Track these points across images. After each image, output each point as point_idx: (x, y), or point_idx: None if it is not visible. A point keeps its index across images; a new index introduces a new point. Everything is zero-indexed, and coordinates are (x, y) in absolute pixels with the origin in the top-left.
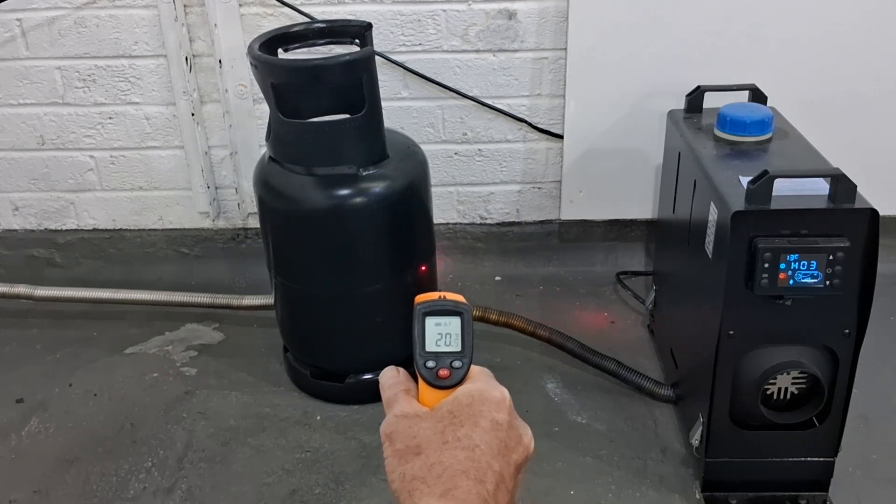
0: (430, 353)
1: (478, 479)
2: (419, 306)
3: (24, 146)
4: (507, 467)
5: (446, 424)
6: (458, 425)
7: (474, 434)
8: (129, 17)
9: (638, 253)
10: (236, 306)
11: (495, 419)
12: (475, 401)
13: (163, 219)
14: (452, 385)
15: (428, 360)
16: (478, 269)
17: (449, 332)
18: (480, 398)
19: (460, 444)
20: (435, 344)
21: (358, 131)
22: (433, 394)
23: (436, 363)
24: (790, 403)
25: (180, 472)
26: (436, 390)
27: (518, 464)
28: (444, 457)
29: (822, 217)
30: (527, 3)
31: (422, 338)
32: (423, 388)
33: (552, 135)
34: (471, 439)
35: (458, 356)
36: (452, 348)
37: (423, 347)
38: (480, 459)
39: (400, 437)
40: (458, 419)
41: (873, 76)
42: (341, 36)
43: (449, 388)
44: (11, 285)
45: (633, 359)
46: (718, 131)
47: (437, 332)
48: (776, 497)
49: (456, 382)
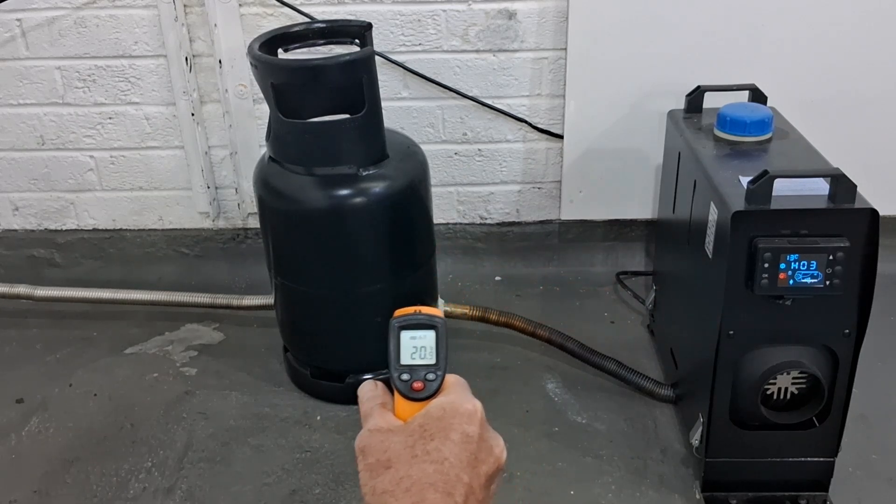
0: (404, 367)
1: (446, 492)
2: (394, 321)
3: (24, 146)
4: (478, 479)
5: (416, 438)
6: (429, 439)
7: (444, 447)
8: (129, 17)
9: (638, 253)
10: (236, 306)
11: (466, 432)
12: (446, 414)
13: (163, 219)
14: (426, 397)
15: (402, 373)
16: (478, 269)
17: (424, 346)
18: (452, 411)
19: (429, 457)
20: (410, 357)
21: (358, 131)
22: (408, 406)
23: (410, 376)
24: (790, 403)
25: (180, 472)
26: (411, 402)
27: (489, 475)
28: (413, 470)
29: (822, 217)
30: (527, 3)
31: (397, 351)
32: (399, 400)
33: (552, 135)
34: (440, 452)
35: (433, 369)
36: (427, 361)
37: (399, 361)
38: (449, 472)
39: (372, 451)
40: (428, 433)
41: (873, 76)
42: (341, 36)
43: (423, 400)
44: (11, 285)
45: (633, 359)
46: (718, 131)
47: (413, 345)
48: (776, 497)
49: (430, 394)
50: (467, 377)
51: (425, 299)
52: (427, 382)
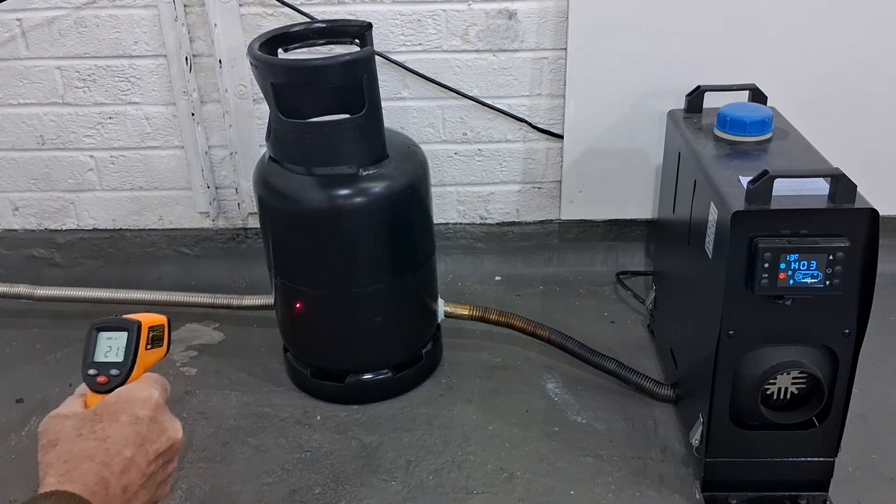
0: (95, 363)
1: (103, 463)
2: (93, 322)
3: (24, 146)
4: (144, 454)
5: (86, 421)
6: (97, 421)
7: (109, 428)
8: (129, 16)
9: (638, 253)
10: (236, 306)
11: (136, 415)
12: (120, 399)
13: (163, 219)
14: (109, 390)
15: (91, 369)
16: (478, 269)
17: (117, 345)
18: (126, 397)
19: (94, 435)
20: (104, 355)
21: (358, 131)
22: (96, 398)
23: (97, 371)
24: (790, 403)
25: (180, 471)
26: (96, 394)
27: (160, 452)
28: (76, 446)
29: (822, 217)
30: (527, 3)
31: (92, 349)
32: (89, 392)
33: (552, 135)
34: (104, 431)
35: (119, 366)
36: (116, 359)
37: (92, 358)
38: (111, 448)
39: (46, 433)
40: (98, 416)
41: (873, 76)
42: (341, 36)
43: (106, 393)
44: (11, 285)
45: (633, 359)
46: (718, 131)
47: (107, 344)
48: (776, 497)
49: (112, 388)
50: (467, 377)
51: (425, 299)
52: (111, 378)
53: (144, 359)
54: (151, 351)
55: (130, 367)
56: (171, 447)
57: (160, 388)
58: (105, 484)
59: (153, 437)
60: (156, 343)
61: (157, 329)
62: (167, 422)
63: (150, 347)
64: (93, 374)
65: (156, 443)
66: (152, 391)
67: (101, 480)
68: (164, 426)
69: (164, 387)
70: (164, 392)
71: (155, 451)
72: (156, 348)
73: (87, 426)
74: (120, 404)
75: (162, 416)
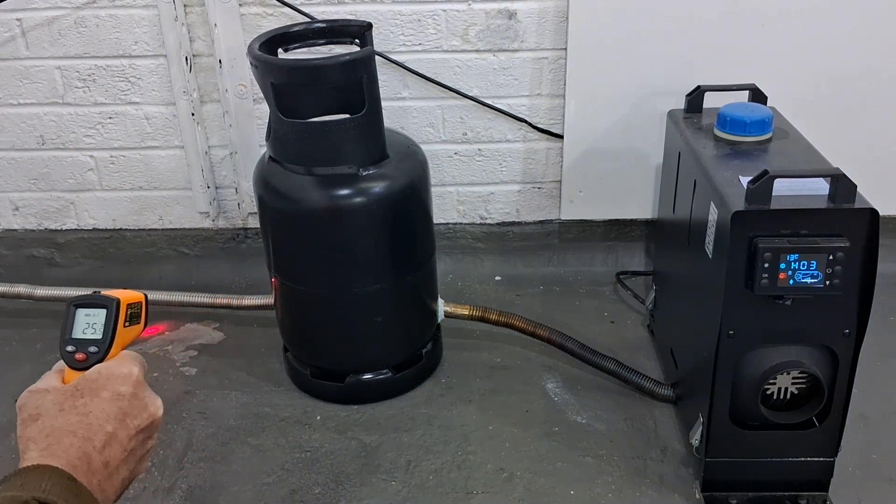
0: (73, 340)
1: (85, 438)
2: (72, 299)
3: (24, 146)
4: (126, 429)
5: (67, 396)
6: (79, 396)
7: (91, 403)
8: (129, 16)
9: (638, 253)
10: (236, 306)
11: (117, 391)
12: (101, 376)
13: (163, 219)
14: (87, 367)
15: (69, 345)
16: (478, 269)
17: (96, 322)
18: (107, 374)
19: (76, 410)
20: (82, 332)
21: (358, 131)
22: (74, 374)
23: (76, 348)
24: (790, 403)
25: (180, 471)
26: (75, 371)
27: (141, 427)
28: (58, 421)
29: (822, 217)
30: (527, 3)
31: (70, 326)
32: (67, 368)
33: (552, 135)
34: (86, 407)
35: (97, 343)
36: (95, 336)
37: (70, 334)
38: (93, 423)
39: (26, 407)
40: (80, 391)
41: (873, 76)
42: (341, 36)
43: (84, 370)
44: (11, 285)
45: (633, 359)
46: (718, 131)
47: (86, 321)
48: (776, 497)
49: (90, 364)
50: (467, 377)
51: (425, 299)
52: (90, 354)
53: (123, 336)
54: (129, 328)
55: (109, 344)
56: (152, 423)
57: (139, 364)
58: (87, 458)
59: (134, 412)
60: (133, 320)
61: (135, 306)
62: (148, 398)
63: (128, 324)
64: (71, 351)
65: (137, 418)
66: (132, 367)
67: (83, 455)
68: (145, 402)
69: (142, 364)
70: (142, 369)
71: (136, 427)
72: (134, 325)
73: (69, 401)
74: (101, 380)
75: (143, 392)
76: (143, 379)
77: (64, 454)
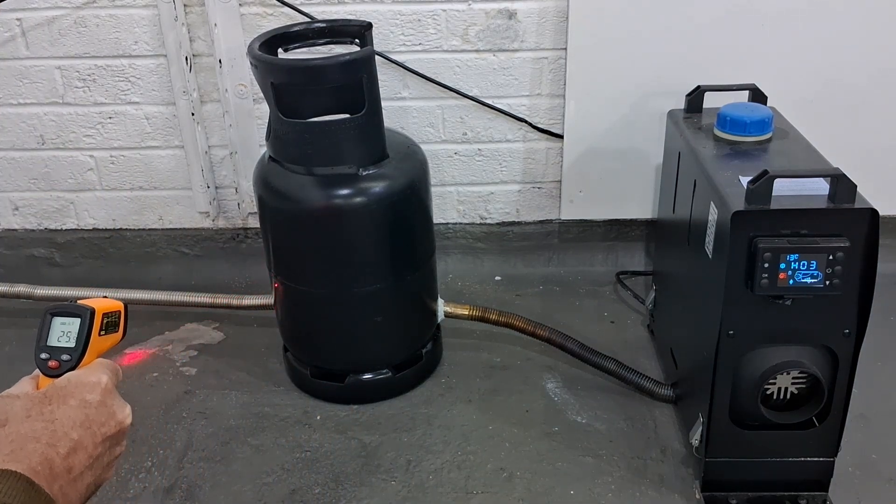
0: (47, 347)
1: (49, 444)
2: (47, 307)
3: (24, 146)
4: (92, 437)
5: (35, 403)
6: (46, 403)
7: (58, 410)
8: (129, 16)
9: (638, 253)
10: (236, 306)
11: (85, 399)
12: (70, 384)
13: (163, 218)
14: (59, 374)
15: (43, 353)
16: (478, 269)
17: (70, 331)
18: (76, 382)
19: (42, 417)
20: (56, 340)
21: (358, 131)
22: (46, 381)
23: (49, 355)
24: (790, 403)
25: (180, 471)
26: (47, 378)
27: (108, 435)
28: (23, 427)
29: (822, 217)
30: (527, 3)
31: (46, 333)
32: (41, 375)
33: (552, 135)
34: (52, 414)
35: (69, 351)
36: (67, 344)
37: (45, 342)
38: (59, 429)
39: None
40: (48, 398)
41: (873, 76)
42: (341, 36)
43: (56, 377)
44: (11, 285)
45: (633, 359)
46: (718, 131)
47: (61, 329)
48: (776, 497)
49: (63, 372)
50: (467, 377)
51: (425, 299)
52: (62, 362)
53: (97, 344)
54: (105, 337)
55: (81, 352)
56: (119, 431)
57: (110, 372)
58: (50, 464)
59: (101, 420)
60: (110, 329)
61: (111, 315)
62: (116, 406)
63: (103, 333)
64: (45, 358)
65: (104, 426)
66: (101, 376)
67: (44, 460)
68: (113, 410)
69: (114, 371)
70: (114, 376)
71: (102, 435)
72: (110, 334)
73: (36, 408)
74: (69, 388)
75: (111, 400)
76: (112, 387)
77: (26, 459)
